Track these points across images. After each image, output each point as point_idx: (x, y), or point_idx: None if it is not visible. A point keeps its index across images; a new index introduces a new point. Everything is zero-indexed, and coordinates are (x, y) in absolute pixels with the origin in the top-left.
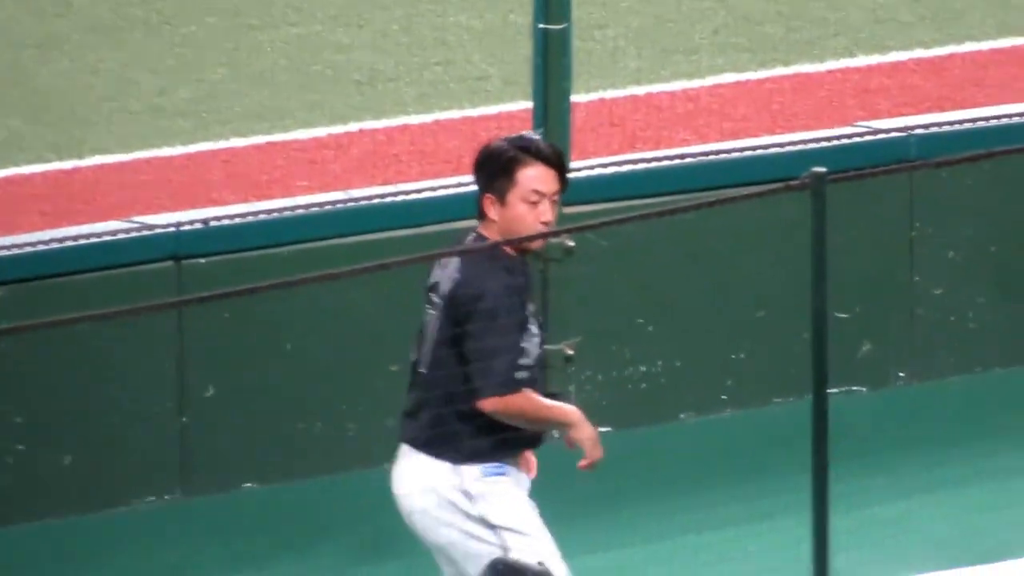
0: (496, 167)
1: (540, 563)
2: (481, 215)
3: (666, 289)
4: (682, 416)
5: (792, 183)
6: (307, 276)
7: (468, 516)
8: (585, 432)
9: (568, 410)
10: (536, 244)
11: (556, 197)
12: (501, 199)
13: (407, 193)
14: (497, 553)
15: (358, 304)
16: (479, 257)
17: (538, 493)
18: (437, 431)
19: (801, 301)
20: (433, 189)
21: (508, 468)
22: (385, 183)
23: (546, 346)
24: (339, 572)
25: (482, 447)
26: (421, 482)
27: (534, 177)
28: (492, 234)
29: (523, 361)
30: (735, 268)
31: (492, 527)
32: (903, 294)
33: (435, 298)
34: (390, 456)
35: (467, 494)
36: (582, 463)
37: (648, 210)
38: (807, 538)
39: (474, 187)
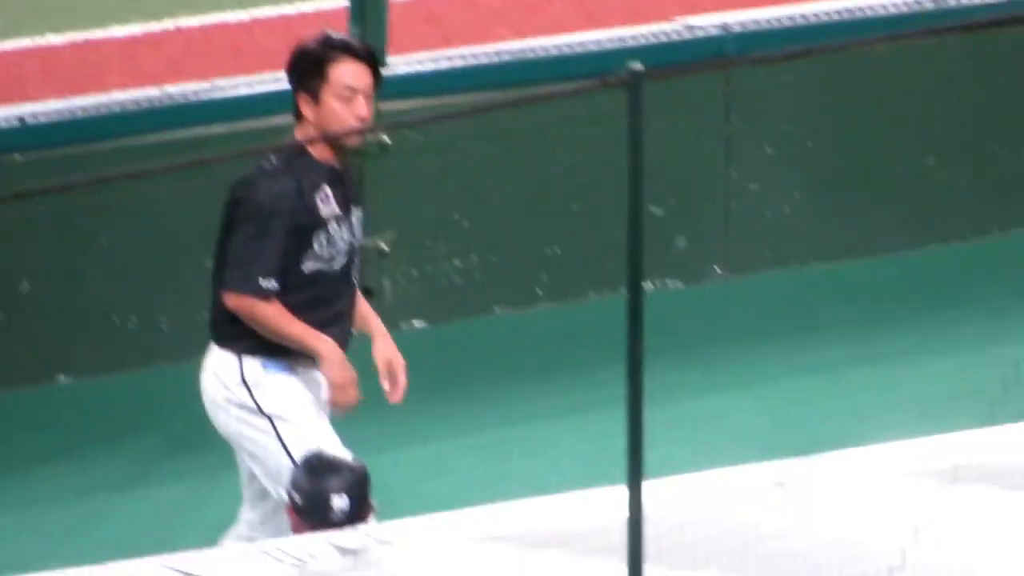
0: (307, 66)
1: (357, 459)
2: (297, 116)
3: (482, 184)
4: (497, 310)
5: (609, 79)
6: (122, 172)
7: (243, 405)
8: (332, 372)
9: (317, 340)
10: (353, 141)
11: (370, 92)
12: (315, 98)
13: (223, 90)
14: (271, 442)
15: (173, 200)
16: (276, 159)
17: None
18: (223, 325)
19: (617, 196)
20: (250, 85)
21: (299, 372)
22: (201, 80)
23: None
24: (153, 464)
25: (264, 344)
26: (211, 371)
27: (346, 73)
28: (309, 135)
29: (310, 266)
30: (551, 163)
31: (263, 414)
32: (719, 189)
33: None
34: (203, 350)
35: (245, 383)
36: (332, 403)
37: (465, 106)
38: (622, 432)
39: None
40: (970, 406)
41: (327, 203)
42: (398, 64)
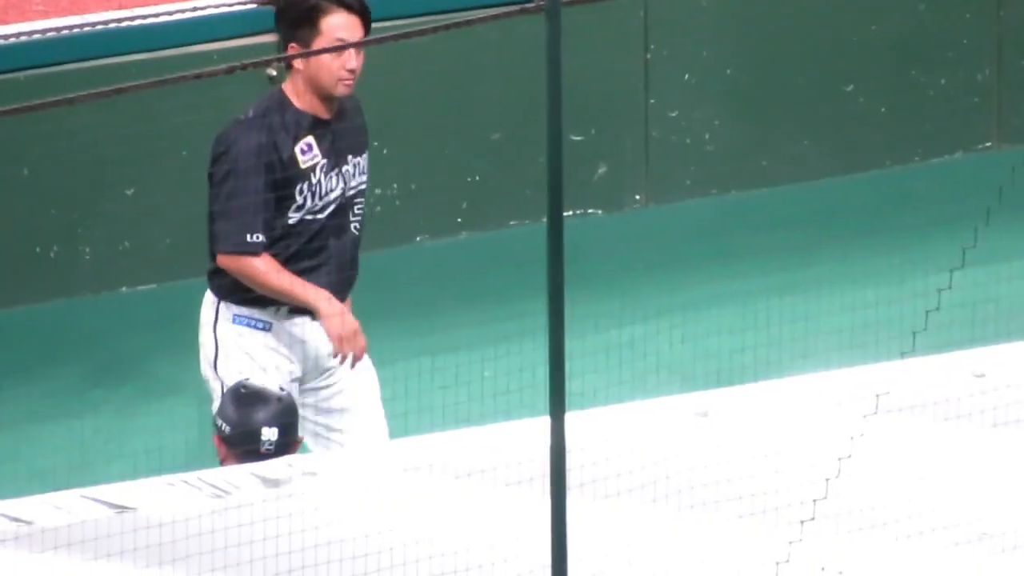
0: (299, 16)
1: (282, 388)
2: (288, 65)
3: (402, 112)
4: (418, 239)
5: (528, 7)
6: (44, 101)
7: (207, 353)
8: (332, 325)
9: (315, 295)
10: (340, 91)
11: None
12: (306, 48)
13: (144, 17)
14: (216, 400)
15: (95, 128)
16: (253, 111)
17: None
18: (210, 270)
19: (537, 124)
20: (170, 13)
21: (273, 326)
22: (121, 7)
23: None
24: (76, 394)
25: (243, 295)
26: (201, 314)
27: (338, 25)
28: (296, 85)
29: (295, 216)
30: (471, 91)
31: (216, 374)
32: (639, 117)
33: None
34: (126, 280)
35: (215, 335)
36: (337, 354)
37: (385, 33)
38: (543, 361)
39: (210, 10)
40: (891, 336)
41: (308, 153)
42: None
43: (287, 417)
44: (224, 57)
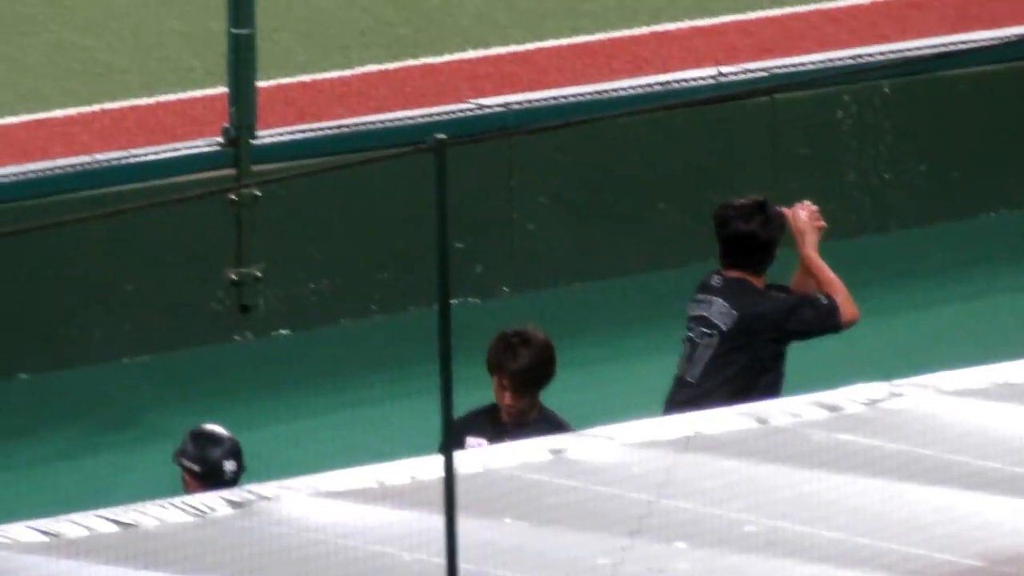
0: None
1: (225, 430)
2: None
3: (330, 225)
4: (343, 321)
5: (420, 147)
6: (64, 219)
7: None
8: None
9: None
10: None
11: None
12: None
13: (136, 156)
14: None
15: (97, 238)
16: None
17: (210, 375)
18: None
19: (430, 235)
20: (156, 154)
21: None
22: (120, 149)
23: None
24: (87, 444)
25: None
26: None
27: None
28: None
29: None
30: (380, 209)
31: None
32: (505, 229)
33: None
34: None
35: None
36: None
37: (315, 167)
38: (437, 411)
39: (183, 151)
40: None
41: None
42: (265, 136)
43: (237, 450)
44: (195, 185)
